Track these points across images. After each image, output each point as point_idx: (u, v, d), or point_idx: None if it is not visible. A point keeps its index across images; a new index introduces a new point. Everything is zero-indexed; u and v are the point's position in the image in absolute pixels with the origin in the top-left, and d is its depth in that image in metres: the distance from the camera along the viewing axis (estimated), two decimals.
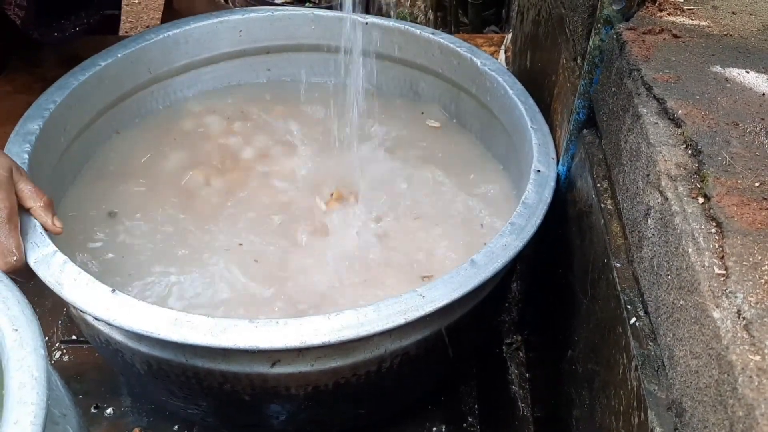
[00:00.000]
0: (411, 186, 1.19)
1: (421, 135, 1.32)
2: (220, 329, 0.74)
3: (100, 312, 0.77)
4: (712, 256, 0.53)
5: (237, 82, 1.40)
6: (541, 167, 0.95)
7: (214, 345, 0.73)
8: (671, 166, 0.62)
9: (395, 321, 0.74)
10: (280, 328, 0.73)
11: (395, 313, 0.74)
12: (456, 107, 1.33)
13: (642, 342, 0.64)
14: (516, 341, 1.28)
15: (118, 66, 1.19)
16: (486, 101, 1.21)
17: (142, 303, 0.77)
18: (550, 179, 0.94)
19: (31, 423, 0.55)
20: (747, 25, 0.82)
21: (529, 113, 1.06)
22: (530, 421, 1.17)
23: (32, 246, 0.84)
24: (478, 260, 0.81)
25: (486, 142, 1.27)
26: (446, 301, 0.76)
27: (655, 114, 0.68)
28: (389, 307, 0.75)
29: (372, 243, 1.08)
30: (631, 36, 0.78)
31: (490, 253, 0.81)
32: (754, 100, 0.69)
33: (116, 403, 1.17)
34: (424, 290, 0.77)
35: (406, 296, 0.76)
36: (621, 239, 0.74)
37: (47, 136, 1.03)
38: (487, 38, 1.79)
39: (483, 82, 1.20)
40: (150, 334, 0.74)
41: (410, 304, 0.75)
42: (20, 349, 0.61)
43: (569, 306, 0.91)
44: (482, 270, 0.79)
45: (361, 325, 0.73)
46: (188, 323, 0.74)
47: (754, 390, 0.44)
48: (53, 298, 1.31)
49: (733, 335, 0.48)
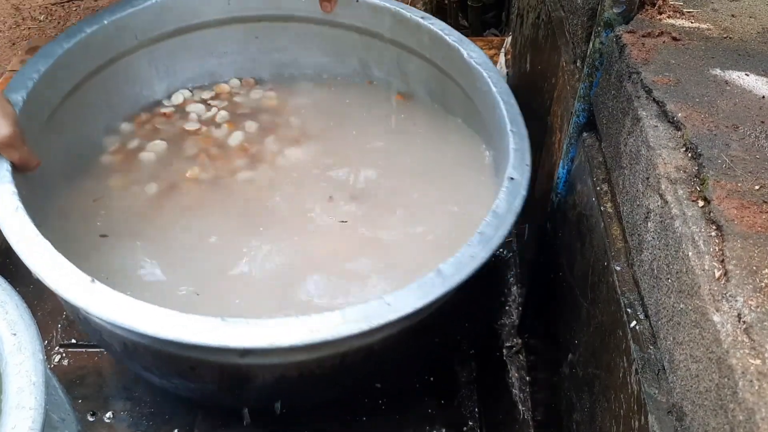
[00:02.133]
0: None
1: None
2: (192, 326, 0.75)
3: (80, 302, 0.78)
4: (712, 259, 0.53)
5: (225, 50, 1.40)
6: (515, 174, 0.95)
7: (185, 341, 0.75)
8: (671, 169, 0.62)
9: (360, 327, 0.77)
10: (250, 328, 0.76)
11: (361, 319, 0.77)
12: (443, 93, 1.31)
13: (642, 345, 0.64)
14: (516, 345, 1.28)
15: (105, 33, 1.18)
16: (471, 93, 1.20)
17: (118, 294, 0.78)
18: (522, 188, 0.94)
19: (30, 428, 0.55)
20: (747, 27, 0.81)
21: (510, 114, 1.05)
22: (531, 425, 1.17)
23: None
24: (444, 270, 0.82)
25: (473, 127, 1.27)
26: (411, 309, 0.79)
27: (654, 117, 0.68)
28: (356, 313, 0.77)
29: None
30: (630, 39, 0.78)
31: (457, 263, 0.83)
32: (754, 103, 0.69)
33: (115, 407, 1.17)
34: (390, 298, 0.79)
35: (373, 303, 0.79)
36: (621, 242, 0.74)
37: (32, 105, 1.02)
38: (487, 41, 1.79)
39: (468, 73, 1.18)
40: (124, 326, 0.76)
41: (376, 310, 0.78)
42: (18, 354, 0.60)
43: (569, 309, 0.91)
44: (448, 280, 0.82)
45: (328, 330, 0.76)
46: (162, 318, 0.76)
47: (755, 394, 0.44)
48: (52, 301, 1.31)
49: (734, 339, 0.47)
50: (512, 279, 1.40)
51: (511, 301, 1.35)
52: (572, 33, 0.99)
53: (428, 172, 1.20)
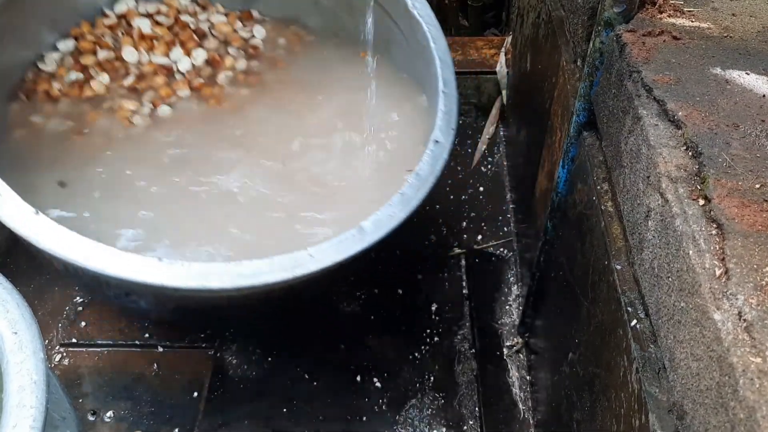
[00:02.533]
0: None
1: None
2: (132, 263, 0.80)
3: (25, 232, 0.81)
4: (713, 257, 0.53)
5: None
6: (440, 137, 0.98)
7: (128, 278, 0.80)
8: (672, 168, 0.62)
9: (284, 276, 0.84)
10: (186, 269, 0.81)
11: (286, 268, 0.84)
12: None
13: (643, 344, 0.64)
14: (517, 344, 1.28)
15: None
16: (412, 43, 1.20)
17: (60, 227, 0.82)
18: (445, 151, 0.97)
19: (30, 426, 0.55)
20: (747, 26, 0.81)
21: (445, 74, 1.06)
22: (531, 424, 1.17)
23: None
24: (365, 227, 0.89)
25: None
26: (331, 262, 0.86)
27: (655, 116, 0.68)
28: (282, 262, 0.84)
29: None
30: (631, 38, 0.78)
31: (377, 222, 0.89)
32: (755, 102, 0.69)
33: (116, 406, 1.17)
34: (313, 251, 0.86)
35: (298, 254, 0.85)
36: (621, 241, 0.74)
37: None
38: (487, 41, 1.79)
39: (410, 23, 1.17)
40: (64, 258, 0.80)
41: (300, 261, 0.85)
42: (19, 352, 0.60)
43: (570, 308, 0.91)
44: (368, 236, 0.89)
45: (254, 276, 0.83)
46: (103, 253, 0.81)
47: (756, 392, 0.44)
48: (53, 300, 1.31)
49: (734, 337, 0.47)
50: (512, 278, 1.40)
51: (511, 300, 1.35)
52: (572, 32, 0.99)
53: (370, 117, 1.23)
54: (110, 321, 1.28)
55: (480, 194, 1.58)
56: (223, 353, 1.25)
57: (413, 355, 1.26)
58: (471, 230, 1.50)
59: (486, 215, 1.53)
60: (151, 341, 1.26)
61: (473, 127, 1.76)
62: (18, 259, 1.40)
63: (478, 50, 1.75)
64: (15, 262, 1.39)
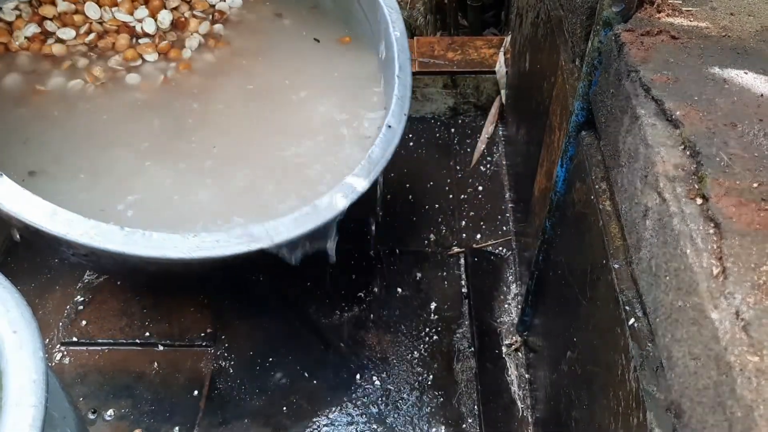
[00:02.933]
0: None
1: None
2: (93, 230, 0.83)
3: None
4: (711, 256, 0.53)
5: None
6: (393, 122, 1.01)
7: (87, 244, 0.83)
8: (669, 167, 0.62)
9: (239, 249, 0.88)
10: (146, 239, 0.84)
11: (242, 242, 0.88)
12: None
13: (641, 343, 0.64)
14: (516, 342, 1.28)
15: None
16: (372, 24, 1.21)
17: (23, 190, 0.84)
18: (396, 136, 1.00)
19: (30, 425, 0.55)
20: (745, 26, 0.82)
21: (401, 58, 1.07)
22: (530, 422, 1.17)
23: None
24: (319, 205, 0.94)
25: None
26: (285, 238, 0.90)
27: (653, 115, 0.68)
28: (239, 236, 0.88)
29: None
30: (629, 37, 0.78)
31: (329, 202, 0.94)
32: (753, 101, 0.69)
33: (117, 405, 1.17)
34: (269, 227, 0.90)
35: (255, 228, 0.90)
36: (619, 240, 0.74)
37: None
38: (487, 40, 1.79)
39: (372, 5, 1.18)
40: (31, 224, 0.83)
41: (257, 236, 0.89)
42: (19, 352, 0.61)
43: (568, 307, 0.91)
44: (321, 214, 0.93)
45: (212, 248, 0.87)
46: (64, 220, 0.83)
47: (753, 391, 0.44)
48: (54, 300, 1.31)
49: (732, 336, 0.48)
50: (511, 277, 1.40)
51: (510, 299, 1.36)
52: (571, 32, 0.99)
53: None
54: (111, 320, 1.29)
55: (479, 193, 1.58)
56: (223, 351, 1.25)
57: (412, 354, 1.27)
58: (470, 229, 1.50)
59: (485, 214, 1.53)
60: (151, 340, 1.26)
61: (472, 127, 1.76)
62: (18, 259, 1.40)
63: (477, 50, 1.75)
64: (15, 262, 1.40)
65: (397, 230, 1.49)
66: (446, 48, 1.75)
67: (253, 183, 1.08)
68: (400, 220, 1.52)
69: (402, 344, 1.28)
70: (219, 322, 1.30)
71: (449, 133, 1.75)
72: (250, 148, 1.13)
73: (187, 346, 1.27)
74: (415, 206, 1.54)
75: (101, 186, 1.04)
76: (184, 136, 1.13)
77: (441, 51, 1.74)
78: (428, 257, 1.44)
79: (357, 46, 1.30)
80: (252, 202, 1.05)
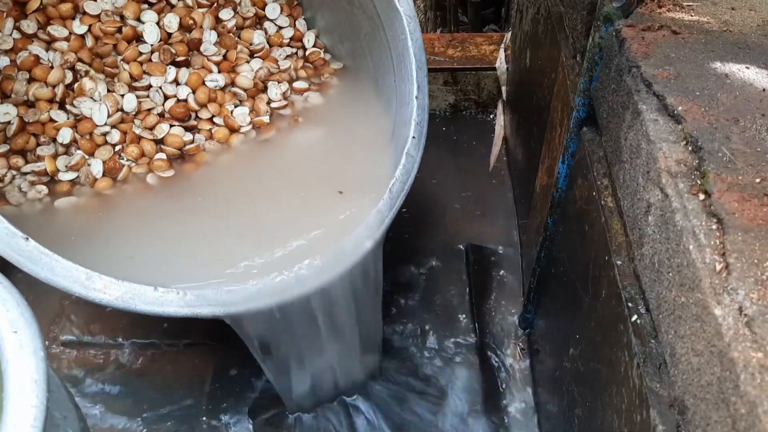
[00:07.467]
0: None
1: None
2: (128, 294, 0.83)
3: (17, 259, 0.87)
4: (713, 252, 0.53)
5: None
6: (412, 151, 0.98)
7: (123, 306, 0.83)
8: (671, 163, 0.62)
9: (267, 302, 0.89)
10: (181, 297, 0.85)
11: (272, 294, 0.88)
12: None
13: (643, 339, 0.64)
14: (518, 339, 1.28)
15: None
16: (389, 38, 1.11)
17: (53, 255, 0.87)
18: (416, 164, 0.98)
19: (31, 425, 0.55)
20: (747, 20, 0.81)
21: (419, 76, 1.01)
22: (533, 419, 1.17)
23: None
24: (345, 247, 0.92)
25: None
26: (312, 287, 0.90)
27: (655, 111, 0.68)
28: (269, 288, 0.88)
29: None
30: (630, 33, 0.78)
31: (356, 242, 0.93)
32: (755, 96, 0.69)
33: (117, 405, 1.17)
34: (298, 273, 0.89)
35: (280, 280, 0.88)
36: (622, 236, 0.74)
37: None
38: (487, 37, 1.79)
39: (392, 17, 1.06)
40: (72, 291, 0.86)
41: (284, 286, 0.89)
42: (20, 352, 0.60)
43: (571, 304, 0.91)
44: (349, 257, 0.92)
45: (245, 302, 0.88)
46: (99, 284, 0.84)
47: (757, 387, 0.44)
48: (54, 299, 1.31)
49: (735, 332, 0.47)
50: (514, 273, 1.40)
51: (512, 296, 1.35)
52: (572, 28, 0.99)
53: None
54: (111, 319, 1.28)
55: (480, 190, 1.58)
56: (224, 351, 1.25)
57: (413, 351, 1.26)
58: (472, 226, 1.50)
59: (486, 211, 1.53)
60: (152, 339, 1.26)
61: (473, 123, 1.76)
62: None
63: (478, 46, 1.75)
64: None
65: (397, 227, 1.49)
66: (446, 45, 1.75)
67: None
68: (400, 216, 1.51)
69: (403, 341, 1.28)
70: (220, 321, 1.30)
71: (450, 130, 1.75)
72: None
73: (189, 345, 1.26)
74: (416, 203, 1.54)
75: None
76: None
77: (441, 48, 1.74)
78: (431, 253, 1.44)
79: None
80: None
